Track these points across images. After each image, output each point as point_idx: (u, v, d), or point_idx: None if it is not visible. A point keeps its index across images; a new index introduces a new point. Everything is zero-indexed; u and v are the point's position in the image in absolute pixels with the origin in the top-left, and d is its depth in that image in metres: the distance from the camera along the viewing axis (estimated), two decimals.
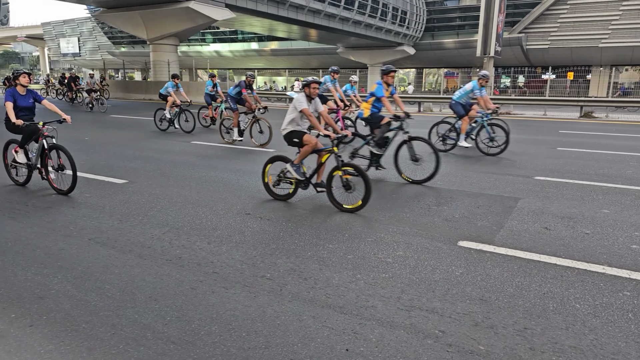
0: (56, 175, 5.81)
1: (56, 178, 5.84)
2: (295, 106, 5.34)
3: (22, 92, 5.78)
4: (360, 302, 3.07)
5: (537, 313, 2.95)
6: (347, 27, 35.73)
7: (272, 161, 5.68)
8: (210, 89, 12.97)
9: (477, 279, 3.44)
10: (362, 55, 44.87)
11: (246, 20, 33.06)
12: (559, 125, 15.34)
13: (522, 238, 4.34)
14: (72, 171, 5.54)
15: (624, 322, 2.83)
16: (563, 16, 38.97)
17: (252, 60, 52.83)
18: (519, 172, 7.38)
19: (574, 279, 3.44)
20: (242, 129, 10.25)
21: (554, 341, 2.63)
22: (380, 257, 3.85)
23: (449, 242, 4.22)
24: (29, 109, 5.88)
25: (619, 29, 37.37)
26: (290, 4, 29.39)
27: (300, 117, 5.43)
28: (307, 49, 47.67)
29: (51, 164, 5.74)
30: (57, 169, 5.67)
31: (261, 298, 3.11)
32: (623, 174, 7.25)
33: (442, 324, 2.81)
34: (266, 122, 9.94)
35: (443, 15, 45.70)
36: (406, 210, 5.22)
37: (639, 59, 40.41)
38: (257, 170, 7.31)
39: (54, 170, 5.71)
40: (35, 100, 5.89)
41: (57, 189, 5.75)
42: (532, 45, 40.84)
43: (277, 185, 5.64)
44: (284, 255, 3.84)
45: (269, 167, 5.70)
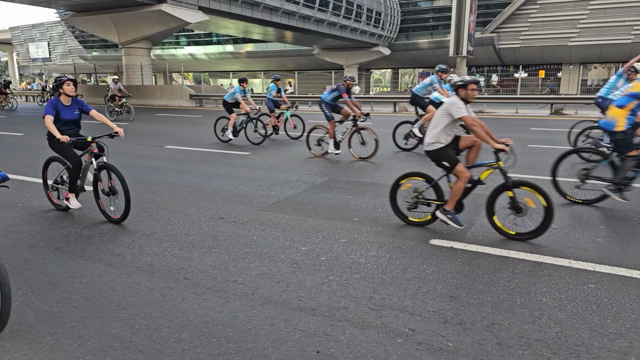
0: (107, 201, 4.93)
1: (106, 203, 4.95)
2: (450, 112, 4.32)
3: (67, 102, 4.90)
4: (332, 304, 3.08)
5: (505, 308, 3.01)
6: (322, 28, 35.84)
7: (409, 176, 4.72)
8: (274, 94, 11.71)
9: (447, 277, 3.49)
10: (338, 56, 45.07)
11: (221, 23, 32.82)
12: (530, 123, 15.70)
13: (492, 234, 4.42)
14: (125, 196, 4.66)
15: (588, 314, 2.91)
16: (533, 16, 39.96)
17: (228, 63, 52.46)
18: None
19: (541, 274, 3.53)
20: (338, 140, 8.94)
21: (521, 335, 2.69)
22: (354, 257, 3.87)
23: (421, 241, 4.27)
24: (75, 122, 4.99)
25: (586, 28, 38.53)
26: (265, 6, 29.31)
27: (452, 126, 4.43)
28: (283, 50, 47.62)
29: (100, 187, 4.86)
30: (109, 192, 4.77)
31: (233, 303, 3.08)
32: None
33: (412, 322, 2.84)
34: (371, 132, 8.61)
35: (417, 16, 46.30)
36: (379, 211, 5.26)
37: (607, 57, 41.76)
38: (231, 174, 7.28)
39: (104, 194, 4.83)
40: (82, 111, 5.02)
41: (109, 216, 4.87)
42: (504, 45, 41.74)
43: (414, 208, 4.70)
44: (256, 259, 3.82)
45: (404, 182, 4.75)
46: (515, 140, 11.03)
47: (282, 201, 5.68)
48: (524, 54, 42.13)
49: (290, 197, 5.87)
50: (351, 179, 6.91)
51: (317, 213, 5.14)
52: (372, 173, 7.36)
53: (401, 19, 45.82)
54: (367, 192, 6.14)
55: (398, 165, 8.04)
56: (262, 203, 5.57)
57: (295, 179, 6.93)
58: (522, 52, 41.92)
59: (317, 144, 9.09)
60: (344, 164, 8.14)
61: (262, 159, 8.76)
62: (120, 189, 4.69)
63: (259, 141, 10.80)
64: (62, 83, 4.82)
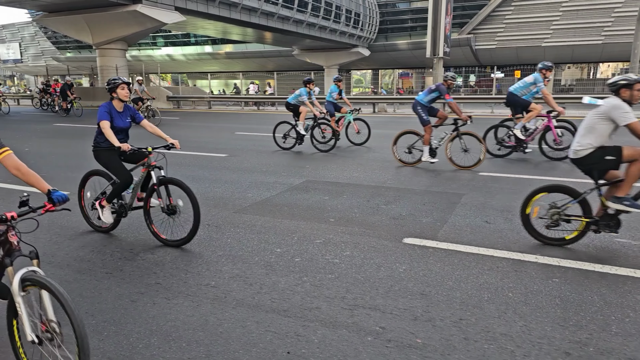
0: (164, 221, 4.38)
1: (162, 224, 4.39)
2: (612, 117, 3.75)
3: (120, 108, 4.38)
4: (305, 305, 3.10)
5: (473, 304, 3.08)
6: (301, 29, 35.86)
7: (548, 191, 4.13)
8: (335, 96, 10.73)
9: (419, 275, 3.55)
10: (318, 57, 45.14)
11: (198, 24, 32.52)
12: None
13: (463, 232, 4.51)
14: (194, 214, 4.05)
15: (552, 308, 3.01)
16: (508, 17, 40.79)
17: (207, 64, 52.00)
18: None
19: (509, 269, 3.62)
20: (434, 147, 7.99)
21: (487, 330, 2.76)
22: (328, 258, 3.90)
23: (395, 240, 4.33)
24: (126, 132, 4.49)
25: (559, 29, 39.52)
26: (243, 6, 29.17)
27: (611, 133, 3.86)
28: (263, 51, 47.45)
29: (160, 204, 4.23)
30: (168, 211, 4.18)
31: (204, 307, 3.08)
32: (559, 167, 7.66)
33: (383, 320, 2.89)
34: (476, 137, 7.60)
35: (395, 17, 46.76)
36: (356, 211, 5.31)
37: (579, 57, 42.89)
38: (207, 177, 7.23)
39: (163, 212, 4.24)
40: (133, 120, 4.50)
41: (165, 239, 4.24)
42: (480, 46, 42.49)
43: (554, 225, 4.06)
44: (230, 262, 3.82)
45: (538, 197, 4.19)
46: (488, 139, 11.24)
47: (258, 203, 5.68)
48: (499, 55, 42.95)
49: (267, 199, 5.87)
50: (329, 180, 6.95)
51: (293, 214, 5.16)
52: (350, 174, 7.41)
53: (380, 20, 46.20)
54: (344, 192, 6.19)
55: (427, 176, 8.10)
56: (238, 205, 5.56)
57: (272, 180, 6.93)
58: (498, 52, 42.73)
59: (407, 152, 8.10)
60: (322, 165, 8.17)
61: (240, 161, 8.73)
62: (189, 206, 4.07)
63: (327, 148, 9.74)
64: (116, 87, 4.29)
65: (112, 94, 4.35)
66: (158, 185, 4.23)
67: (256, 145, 10.83)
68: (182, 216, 4.35)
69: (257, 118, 19.19)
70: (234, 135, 12.87)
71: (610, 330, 2.72)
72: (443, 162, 8.27)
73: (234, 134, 13.05)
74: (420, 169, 7.80)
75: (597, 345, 2.57)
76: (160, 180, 4.24)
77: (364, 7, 42.56)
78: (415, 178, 7.04)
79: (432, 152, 8.03)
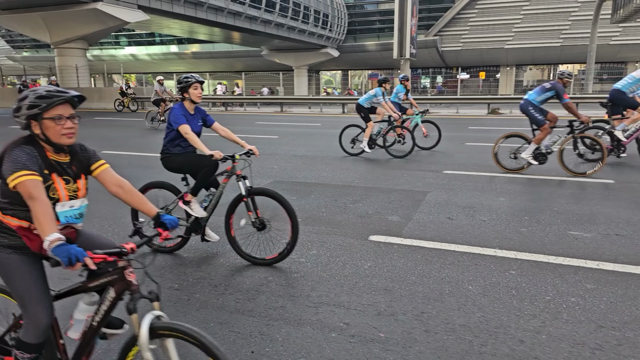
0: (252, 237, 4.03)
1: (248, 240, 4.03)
2: None
3: (191, 110, 3.94)
4: (270, 304, 3.11)
5: (434, 297, 3.17)
6: (269, 29, 35.74)
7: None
8: (402, 97, 10.02)
9: (383, 271, 3.62)
10: (287, 57, 45.12)
11: (163, 23, 31.91)
12: (469, 122, 16.46)
13: (427, 229, 4.62)
14: (292, 229, 3.71)
15: (508, 299, 3.13)
16: (472, 20, 41.93)
17: (173, 64, 51.09)
18: (430, 167, 7.84)
19: (469, 263, 3.74)
20: (545, 151, 7.20)
21: (447, 322, 2.84)
22: (294, 257, 3.92)
23: (361, 238, 4.39)
24: (198, 135, 3.97)
25: (521, 32, 40.93)
26: (209, 5, 28.82)
27: None
28: (231, 51, 47.02)
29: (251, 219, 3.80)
30: (260, 225, 3.79)
31: (166, 310, 3.04)
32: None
33: (347, 316, 2.93)
34: (596, 141, 7.07)
35: (363, 19, 47.27)
36: (323, 210, 5.35)
37: (539, 59, 44.53)
38: (176, 178, 7.09)
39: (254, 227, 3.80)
40: (204, 124, 4.07)
41: (256, 258, 3.80)
42: (446, 47, 43.48)
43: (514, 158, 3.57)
44: (195, 265, 3.78)
45: None
46: (453, 139, 11.55)
47: (223, 205, 5.62)
48: (465, 57, 44.09)
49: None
50: (297, 180, 6.97)
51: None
52: (318, 174, 7.45)
53: (348, 21, 46.59)
54: (313, 192, 6.22)
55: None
56: None
57: None
58: (463, 54, 43.86)
59: (513, 157, 7.45)
60: (291, 165, 8.18)
61: None
62: (286, 219, 3.72)
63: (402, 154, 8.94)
64: (188, 86, 3.82)
65: (184, 95, 3.87)
66: (247, 196, 3.77)
67: (222, 147, 10.69)
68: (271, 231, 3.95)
69: (226, 119, 19.00)
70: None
71: (561, 318, 2.86)
72: (409, 159, 8.44)
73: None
74: (388, 168, 7.92)
75: (549, 333, 2.69)
76: (251, 190, 3.78)
77: (332, 8, 42.83)
78: (382, 177, 7.15)
79: (542, 156, 7.26)
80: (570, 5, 38.99)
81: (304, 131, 13.91)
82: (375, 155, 9.25)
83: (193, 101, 3.89)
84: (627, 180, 6.68)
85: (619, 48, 39.84)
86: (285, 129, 14.54)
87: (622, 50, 40.09)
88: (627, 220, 4.77)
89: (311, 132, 13.60)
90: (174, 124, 3.82)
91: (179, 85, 3.92)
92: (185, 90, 3.86)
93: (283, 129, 14.54)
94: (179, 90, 3.92)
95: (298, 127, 15.43)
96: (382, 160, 8.69)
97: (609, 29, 37.72)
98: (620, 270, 3.53)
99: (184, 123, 3.79)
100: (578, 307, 2.99)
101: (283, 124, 16.49)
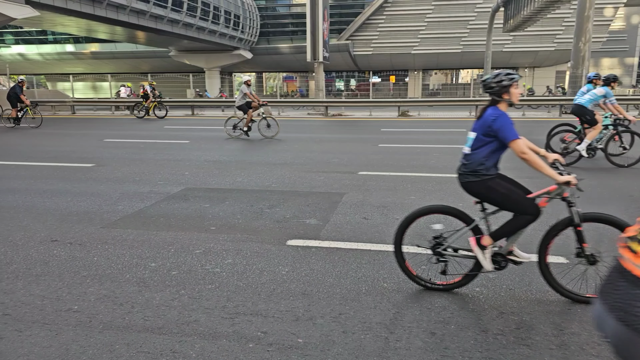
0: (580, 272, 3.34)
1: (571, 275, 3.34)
2: None
3: None
4: (182, 319, 2.93)
5: (352, 298, 3.20)
6: (177, 29, 34.27)
7: None
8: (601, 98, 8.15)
9: (301, 275, 3.59)
10: (198, 58, 43.70)
11: (57, 20, 29.13)
12: (381, 124, 17.15)
13: (344, 230, 4.69)
14: None
15: (420, 293, 3.26)
16: (381, 25, 43.86)
17: (69, 64, 47.06)
18: (346, 169, 8.01)
19: (384, 261, 3.85)
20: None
21: (364, 321, 2.88)
22: (208, 268, 3.75)
23: (279, 243, 4.33)
24: None
25: (426, 38, 43.65)
26: (109, 3, 26.83)
27: None
28: (135, 51, 44.42)
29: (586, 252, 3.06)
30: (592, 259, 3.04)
31: (65, 334, 2.74)
32: (427, 164, 8.43)
33: (265, 325, 2.85)
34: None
35: (276, 21, 47.30)
36: (238, 217, 5.20)
37: (443, 64, 47.81)
38: (70, 190, 6.50)
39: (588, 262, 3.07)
40: None
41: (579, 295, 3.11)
42: (358, 52, 45.02)
43: None
44: (97, 282, 3.46)
45: None
46: (367, 140, 11.93)
47: (129, 216, 5.24)
48: (376, 61, 46.00)
49: (140, 210, 5.46)
50: (210, 187, 6.72)
51: (170, 225, 4.87)
52: (233, 179, 7.26)
53: (261, 23, 46.31)
54: (227, 199, 6.03)
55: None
56: (106, 220, 5.07)
57: (146, 190, 6.48)
58: (374, 58, 45.73)
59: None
60: (203, 171, 7.88)
61: (109, 170, 8.00)
62: None
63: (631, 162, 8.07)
64: (511, 84, 2.98)
65: (503, 96, 3.02)
66: (581, 221, 3.03)
67: (129, 153, 10.05)
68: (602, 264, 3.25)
69: (130, 123, 17.86)
70: (102, 142, 11.80)
71: (468, 307, 3.04)
72: (324, 162, 8.56)
73: (102, 142, 11.97)
74: (304, 171, 7.95)
75: (457, 323, 2.84)
76: (583, 217, 3.04)
77: (243, 10, 42.27)
78: (299, 180, 7.15)
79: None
80: (468, 14, 42.43)
81: (217, 135, 13.52)
82: (298, 159, 9.25)
83: (512, 104, 3.05)
84: (520, 176, 7.36)
85: (511, 55, 44.17)
86: (197, 133, 14.04)
87: (513, 56, 44.50)
88: None
89: (225, 135, 13.26)
90: (507, 134, 2.91)
91: (495, 83, 3.00)
92: (506, 90, 2.99)
93: (194, 133, 14.02)
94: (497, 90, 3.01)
95: (211, 130, 14.98)
96: (299, 163, 8.71)
97: (502, 37, 41.72)
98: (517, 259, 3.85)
99: (518, 137, 2.91)
100: (482, 296, 3.20)
101: (194, 128, 15.92)
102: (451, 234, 3.32)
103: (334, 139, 12.51)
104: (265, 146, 10.95)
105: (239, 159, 9.22)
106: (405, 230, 3.34)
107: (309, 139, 12.38)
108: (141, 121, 18.98)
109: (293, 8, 46.99)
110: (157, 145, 11.03)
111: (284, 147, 10.90)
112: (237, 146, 11.05)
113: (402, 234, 3.34)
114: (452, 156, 9.22)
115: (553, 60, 44.72)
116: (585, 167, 8.05)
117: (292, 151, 10.14)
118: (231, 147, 10.79)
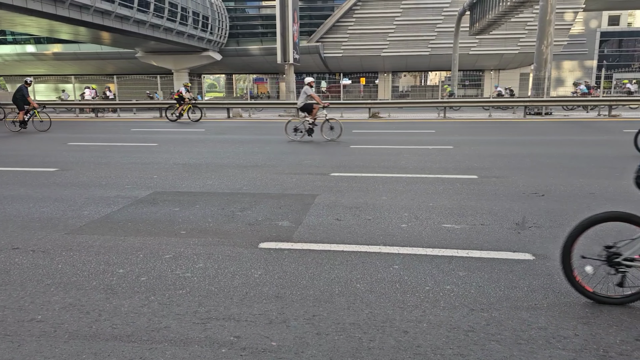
0: None
1: None
2: None
3: None
4: (152, 326, 2.85)
5: (325, 299, 3.20)
6: (143, 30, 33.54)
7: None
8: None
9: (274, 278, 3.56)
10: (166, 60, 42.90)
11: (16, 19, 27.94)
12: (352, 126, 17.27)
13: (317, 231, 4.68)
14: None
15: (393, 292, 3.29)
16: (351, 28, 44.22)
17: (30, 66, 45.35)
18: (318, 171, 8.02)
19: (357, 262, 3.86)
20: None
21: (337, 322, 2.88)
22: (178, 273, 3.68)
23: (251, 246, 4.28)
24: None
25: (395, 41, 44.27)
26: (72, 2, 25.96)
27: None
28: (100, 52, 43.25)
29: None
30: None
31: (27, 346, 2.62)
32: (398, 165, 8.54)
33: (237, 329, 2.82)
34: None
35: (246, 22, 46.99)
36: (209, 220, 5.12)
37: (412, 66, 48.61)
38: (32, 195, 6.25)
39: None
40: None
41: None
42: (328, 54, 45.23)
43: None
44: (61, 291, 3.33)
45: None
46: (338, 142, 11.97)
47: (96, 221, 5.08)
48: (346, 63, 46.32)
49: (107, 215, 5.30)
50: (180, 190, 6.59)
51: (138, 230, 4.75)
52: (203, 182, 7.15)
53: (230, 24, 45.89)
54: (197, 202, 5.93)
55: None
56: (71, 225, 4.90)
57: (113, 194, 6.30)
58: (345, 60, 46.04)
59: None
60: (173, 174, 7.73)
61: (74, 175, 7.74)
62: None
63: None
64: None
65: None
66: None
67: (94, 157, 9.75)
68: None
69: (95, 126, 17.36)
70: (66, 146, 11.43)
71: (439, 305, 3.09)
72: (295, 164, 8.54)
73: (66, 145, 11.58)
74: (276, 173, 7.91)
75: (429, 321, 2.89)
76: None
77: (212, 11, 41.78)
78: (271, 182, 7.11)
79: None
80: (435, 17, 43.31)
81: (186, 137, 13.30)
82: (269, 161, 9.19)
83: None
84: (488, 175, 7.55)
85: (477, 57, 45.35)
86: (165, 136, 13.78)
87: (479, 59, 45.70)
88: (489, 211, 5.37)
89: (194, 138, 13.06)
90: None
91: None
92: None
93: (163, 136, 13.75)
94: None
95: (179, 133, 14.72)
96: (270, 165, 8.66)
97: (469, 40, 42.77)
98: (486, 257, 3.95)
99: None
100: (453, 293, 3.26)
101: (162, 130, 15.61)
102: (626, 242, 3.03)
103: (305, 140, 12.50)
104: (236, 148, 10.84)
105: (209, 161, 9.10)
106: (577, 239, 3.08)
107: (281, 141, 12.34)
108: (106, 124, 18.47)
109: (262, 9, 46.81)
110: (124, 148, 10.74)
111: (255, 149, 10.82)
112: (206, 149, 10.90)
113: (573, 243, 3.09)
114: (421, 157, 9.37)
115: (517, 62, 46.21)
116: None
117: (263, 153, 10.08)
118: (201, 150, 10.63)
